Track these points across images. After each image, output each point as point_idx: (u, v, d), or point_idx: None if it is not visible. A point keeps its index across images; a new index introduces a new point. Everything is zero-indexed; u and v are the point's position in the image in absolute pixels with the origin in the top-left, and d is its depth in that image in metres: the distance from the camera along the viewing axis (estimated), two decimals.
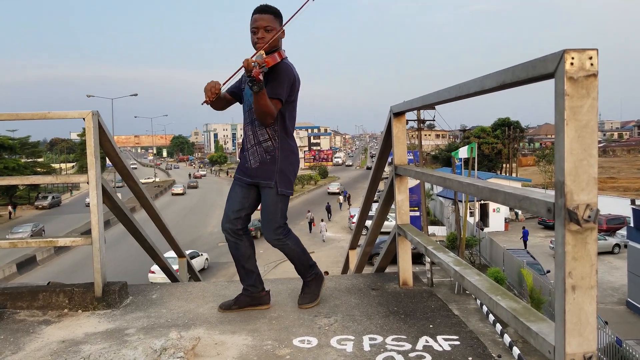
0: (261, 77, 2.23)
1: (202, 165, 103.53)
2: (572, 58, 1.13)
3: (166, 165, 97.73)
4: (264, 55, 2.37)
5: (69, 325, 2.50)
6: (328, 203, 39.94)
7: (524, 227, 29.23)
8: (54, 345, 2.26)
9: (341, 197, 43.83)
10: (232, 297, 2.72)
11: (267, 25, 2.47)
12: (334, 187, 53.82)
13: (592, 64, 1.14)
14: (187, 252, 26.48)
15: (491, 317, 15.80)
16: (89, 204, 2.74)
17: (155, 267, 24.53)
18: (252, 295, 2.64)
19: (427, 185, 32.20)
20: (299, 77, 2.58)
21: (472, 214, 28.64)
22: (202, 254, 25.19)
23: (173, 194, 52.92)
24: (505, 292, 1.64)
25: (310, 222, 33.16)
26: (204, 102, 2.43)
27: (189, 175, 76.50)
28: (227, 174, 78.93)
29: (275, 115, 2.44)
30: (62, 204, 47.08)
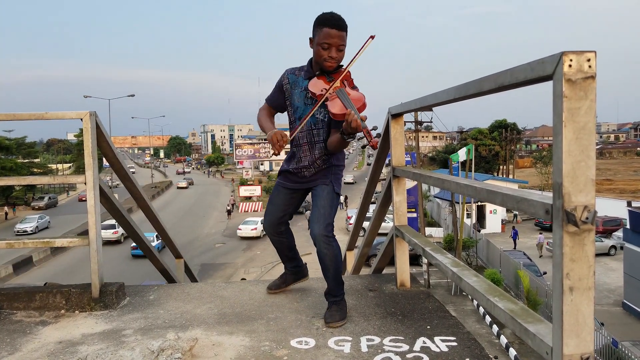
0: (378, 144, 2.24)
1: (199, 167, 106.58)
2: (571, 60, 1.14)
3: (155, 164, 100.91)
4: (343, 89, 2.31)
5: (66, 326, 2.49)
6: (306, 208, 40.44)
7: (513, 227, 29.58)
8: (51, 346, 2.25)
9: (342, 197, 44.28)
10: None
11: (341, 44, 2.35)
12: (349, 178, 63.73)
13: (590, 66, 1.14)
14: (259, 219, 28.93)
15: (488, 319, 15.82)
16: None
17: (242, 225, 26.92)
18: (296, 272, 2.93)
19: (424, 187, 32.25)
20: None
21: (469, 216, 28.68)
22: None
23: (178, 187, 62.03)
24: (503, 294, 1.64)
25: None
26: (272, 154, 2.34)
27: (177, 171, 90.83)
28: (222, 176, 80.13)
29: None
30: (59, 204, 46.95)
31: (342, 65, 2.43)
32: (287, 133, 2.36)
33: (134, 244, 23.15)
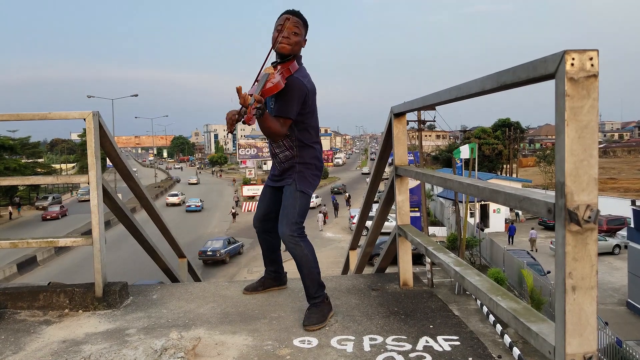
0: (254, 118, 2.18)
1: (200, 166, 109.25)
2: (573, 59, 1.13)
3: (150, 162, 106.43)
4: (269, 74, 2.32)
5: (69, 326, 2.50)
6: (335, 200, 41.45)
7: (511, 223, 29.61)
8: (55, 345, 2.26)
9: (347, 194, 44.68)
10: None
11: (295, 29, 2.42)
12: (365, 169, 71.17)
13: (592, 65, 1.14)
14: None
15: (491, 318, 15.80)
16: None
17: None
18: (275, 278, 2.96)
19: (427, 186, 32.20)
20: (313, 86, 2.53)
21: (472, 215, 28.62)
22: None
23: (189, 184, 64.09)
24: (506, 293, 1.64)
25: (324, 214, 35.41)
26: (227, 132, 2.35)
27: (166, 167, 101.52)
28: (219, 175, 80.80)
29: (283, 133, 2.41)
30: (63, 204, 47.02)
31: (295, 57, 2.46)
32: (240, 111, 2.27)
33: (188, 203, 41.75)
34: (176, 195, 45.76)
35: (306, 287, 2.52)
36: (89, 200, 2.79)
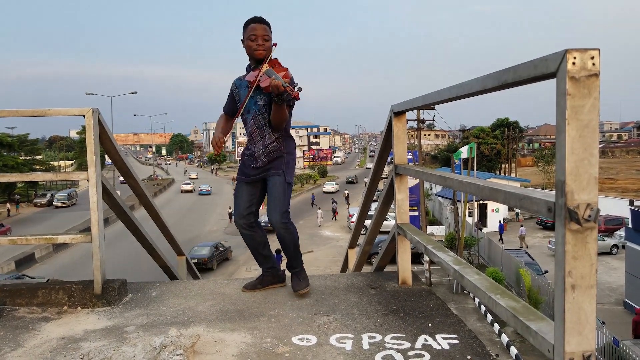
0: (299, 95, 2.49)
1: (199, 164, 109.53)
2: (574, 58, 1.13)
3: (146, 159, 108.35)
4: (271, 69, 2.60)
5: (68, 322, 2.50)
6: (333, 199, 41.73)
7: (500, 222, 30.00)
8: (54, 342, 2.26)
9: (346, 192, 44.90)
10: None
11: (265, 34, 2.70)
12: (369, 164, 74.37)
13: (593, 64, 1.14)
14: None
15: (489, 317, 15.82)
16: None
17: (325, 186, 34.45)
18: (274, 275, 2.99)
19: (426, 185, 32.25)
20: None
21: (470, 214, 28.65)
22: None
23: (190, 178, 69.21)
24: (505, 291, 1.64)
25: (334, 211, 36.96)
26: (215, 154, 2.70)
27: (157, 163, 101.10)
28: (216, 174, 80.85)
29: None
30: (3, 222, 46.51)
31: (271, 56, 2.75)
32: (224, 138, 2.85)
33: (200, 188, 53.69)
34: (189, 184, 57.55)
35: (290, 259, 2.87)
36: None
